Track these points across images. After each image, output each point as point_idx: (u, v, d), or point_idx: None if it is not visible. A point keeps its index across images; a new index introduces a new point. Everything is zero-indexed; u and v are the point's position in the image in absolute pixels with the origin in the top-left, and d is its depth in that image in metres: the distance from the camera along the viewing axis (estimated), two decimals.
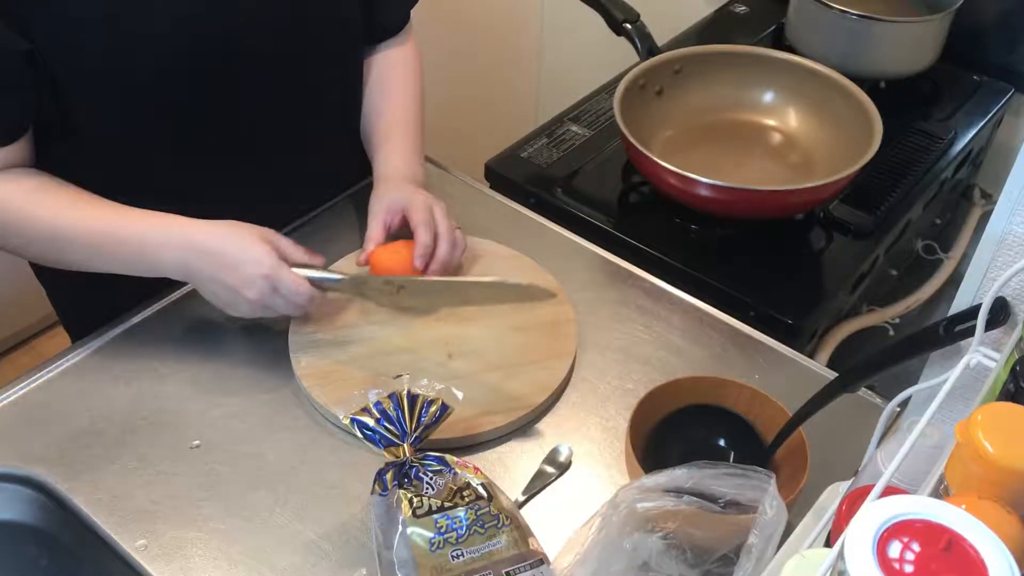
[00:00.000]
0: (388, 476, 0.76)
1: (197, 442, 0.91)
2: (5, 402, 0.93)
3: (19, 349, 2.24)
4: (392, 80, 1.15)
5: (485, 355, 0.98)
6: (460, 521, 0.74)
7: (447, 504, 0.75)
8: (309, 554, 0.82)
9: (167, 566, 0.81)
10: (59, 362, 0.98)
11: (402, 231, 1.04)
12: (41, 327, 2.26)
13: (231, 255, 0.92)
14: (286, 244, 0.95)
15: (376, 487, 0.77)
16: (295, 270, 0.94)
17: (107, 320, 1.02)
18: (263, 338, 1.01)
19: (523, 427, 0.94)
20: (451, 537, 0.73)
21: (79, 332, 1.03)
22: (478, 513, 0.74)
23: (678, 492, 0.74)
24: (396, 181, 1.06)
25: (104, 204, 0.95)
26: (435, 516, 0.74)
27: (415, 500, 0.74)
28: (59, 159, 0.97)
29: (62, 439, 0.90)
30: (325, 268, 0.98)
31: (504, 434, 0.93)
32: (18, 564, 0.91)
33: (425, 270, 1.01)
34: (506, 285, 0.99)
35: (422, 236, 1.00)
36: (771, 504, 0.70)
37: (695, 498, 0.74)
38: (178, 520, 0.84)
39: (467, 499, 0.75)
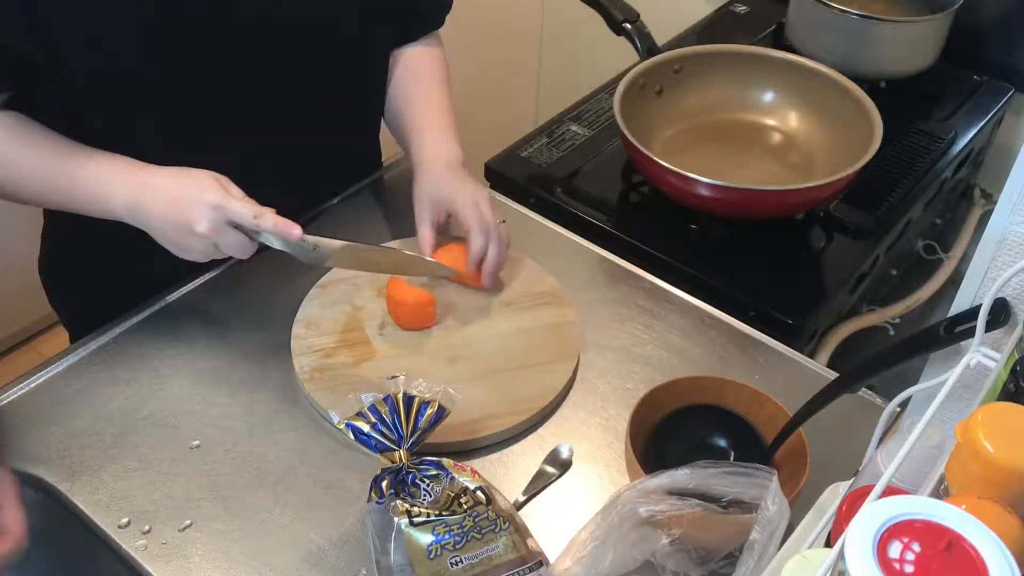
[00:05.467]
0: (384, 484, 0.76)
1: (197, 442, 0.91)
2: (5, 402, 0.93)
3: (19, 349, 2.24)
4: (421, 69, 1.16)
5: (489, 358, 0.98)
6: (458, 527, 0.73)
7: (444, 512, 0.74)
8: (309, 554, 0.82)
9: (167, 566, 0.81)
10: (59, 362, 0.98)
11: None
12: (41, 327, 2.26)
13: (180, 189, 0.90)
14: (235, 189, 0.93)
15: (372, 495, 0.76)
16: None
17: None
18: (264, 338, 1.01)
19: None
20: (449, 544, 0.73)
21: (80, 334, 1.03)
22: (476, 519, 0.74)
23: (680, 494, 0.74)
24: (438, 169, 1.05)
25: (64, 143, 0.94)
26: (432, 523, 0.73)
27: (412, 509, 0.74)
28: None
29: (62, 439, 0.90)
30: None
31: (508, 437, 0.93)
32: (18, 564, 0.91)
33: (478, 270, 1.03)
34: (413, 258, 1.02)
35: (476, 241, 1.01)
36: (773, 500, 0.70)
37: (698, 500, 0.74)
38: (178, 520, 0.84)
39: (465, 505, 0.75)
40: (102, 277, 1.14)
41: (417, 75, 1.15)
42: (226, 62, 0.97)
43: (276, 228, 0.91)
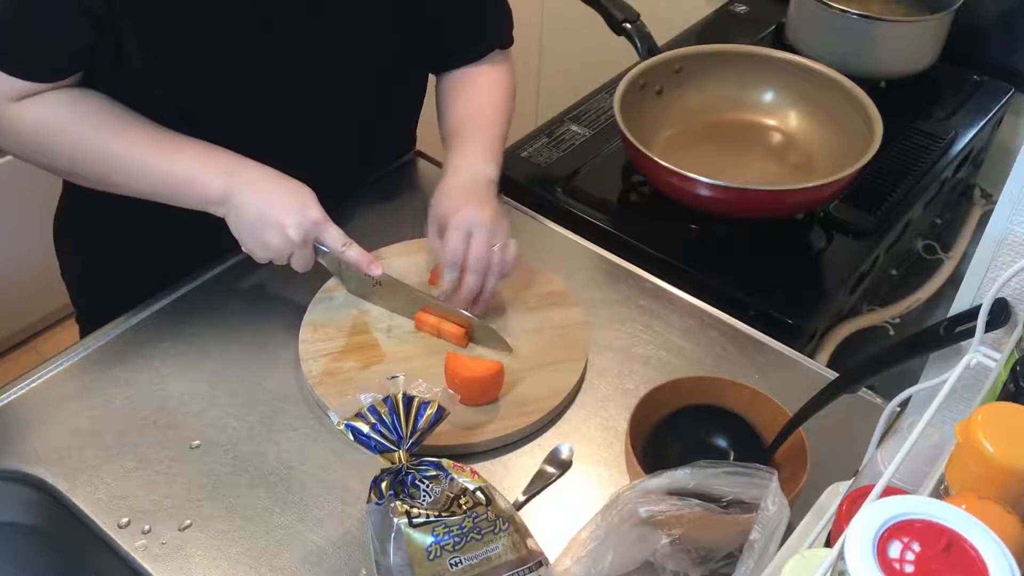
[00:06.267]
0: (384, 484, 0.76)
1: (197, 442, 0.91)
2: (5, 402, 0.93)
3: (19, 349, 2.24)
4: (474, 84, 1.15)
5: (498, 359, 0.97)
6: (457, 528, 0.73)
7: (444, 513, 0.74)
8: (309, 554, 0.82)
9: (167, 566, 0.81)
10: (59, 362, 0.98)
11: None
12: (41, 327, 2.26)
13: (285, 195, 0.94)
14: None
15: (372, 496, 0.76)
16: None
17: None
18: (264, 338, 1.01)
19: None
20: (448, 544, 0.73)
21: (91, 329, 1.03)
22: (475, 520, 0.74)
23: (681, 494, 0.74)
24: (452, 183, 1.03)
25: (153, 128, 0.96)
26: (432, 524, 0.73)
27: (411, 510, 0.74)
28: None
29: (62, 439, 0.90)
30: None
31: (518, 439, 0.93)
32: (18, 564, 0.91)
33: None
34: (479, 324, 1.00)
35: (446, 274, 0.99)
36: (773, 500, 0.70)
37: (698, 500, 0.74)
38: (178, 520, 0.84)
39: (464, 506, 0.75)
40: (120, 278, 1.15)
41: (465, 88, 1.14)
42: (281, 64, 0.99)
43: (359, 260, 0.97)
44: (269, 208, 0.93)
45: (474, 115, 1.11)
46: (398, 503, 0.74)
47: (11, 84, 0.90)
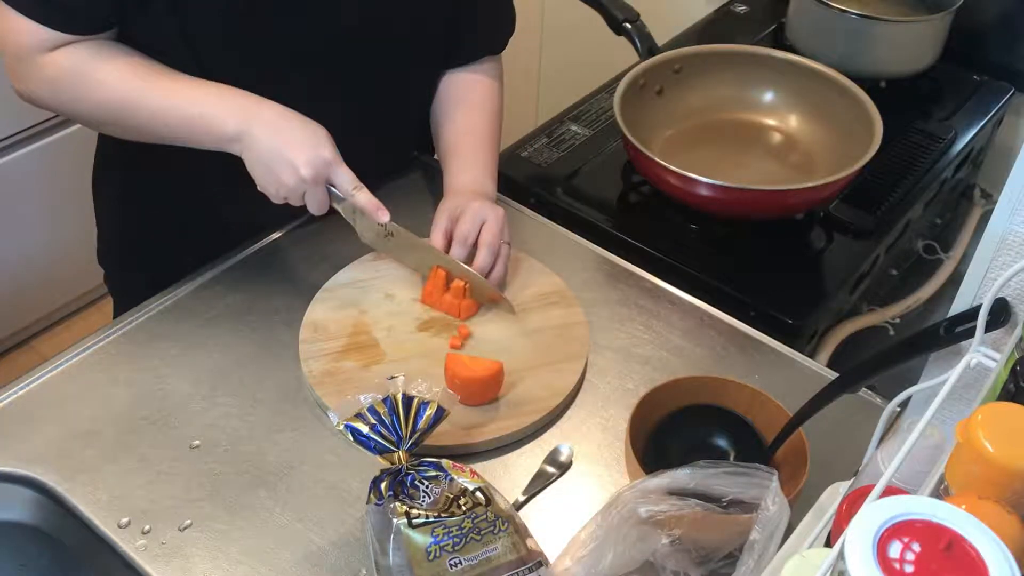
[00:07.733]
0: (383, 485, 0.76)
1: (197, 442, 0.91)
2: (5, 402, 0.93)
3: (19, 349, 2.24)
4: (470, 97, 1.16)
5: (497, 360, 0.97)
6: (457, 529, 0.73)
7: (443, 513, 0.74)
8: (309, 554, 0.82)
9: (167, 566, 0.81)
10: (59, 362, 0.98)
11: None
12: (41, 327, 2.26)
13: (297, 131, 0.94)
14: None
15: (372, 496, 0.76)
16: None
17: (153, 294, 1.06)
18: (264, 338, 1.01)
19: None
20: (448, 545, 0.72)
21: (124, 307, 1.05)
22: (475, 520, 0.74)
23: (681, 494, 0.74)
24: (465, 188, 1.08)
25: (173, 73, 0.97)
26: (431, 525, 0.73)
27: (411, 510, 0.74)
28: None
29: (62, 439, 0.90)
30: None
31: (518, 439, 0.93)
32: (18, 564, 0.91)
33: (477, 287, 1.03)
34: (484, 284, 1.02)
35: (455, 250, 1.03)
36: (774, 500, 0.70)
37: (698, 500, 0.74)
38: (178, 520, 0.84)
39: (464, 507, 0.75)
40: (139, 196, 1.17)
41: (463, 100, 1.15)
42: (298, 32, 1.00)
43: (367, 205, 0.98)
44: (282, 146, 0.93)
45: (475, 135, 1.14)
46: (398, 504, 0.74)
47: (49, 35, 0.93)
